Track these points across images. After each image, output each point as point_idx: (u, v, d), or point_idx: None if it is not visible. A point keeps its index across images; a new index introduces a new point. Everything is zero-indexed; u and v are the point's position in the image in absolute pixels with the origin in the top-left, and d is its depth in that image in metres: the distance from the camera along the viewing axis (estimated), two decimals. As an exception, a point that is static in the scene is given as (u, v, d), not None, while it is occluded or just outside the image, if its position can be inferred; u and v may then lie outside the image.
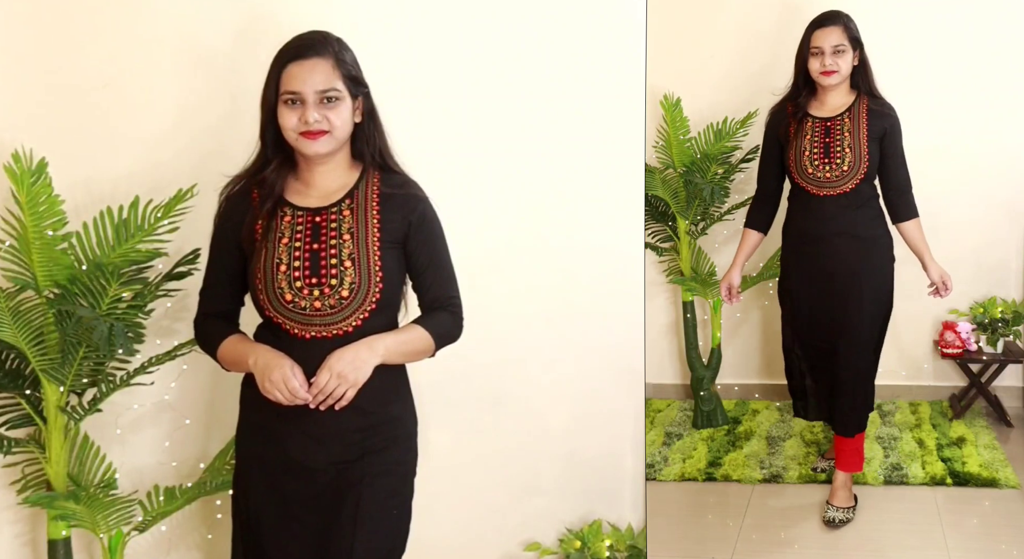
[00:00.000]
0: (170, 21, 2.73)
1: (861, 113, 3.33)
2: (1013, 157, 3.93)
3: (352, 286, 2.09)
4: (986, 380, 3.95)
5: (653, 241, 3.88)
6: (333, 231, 2.12)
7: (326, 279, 2.09)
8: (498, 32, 2.79)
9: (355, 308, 2.10)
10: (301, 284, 2.09)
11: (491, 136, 2.82)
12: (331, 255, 2.10)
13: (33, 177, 2.45)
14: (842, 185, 3.29)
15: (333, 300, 2.09)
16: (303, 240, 2.11)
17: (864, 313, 3.34)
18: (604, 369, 2.91)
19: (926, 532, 3.30)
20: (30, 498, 2.53)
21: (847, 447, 3.43)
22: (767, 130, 3.48)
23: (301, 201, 2.15)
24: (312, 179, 2.16)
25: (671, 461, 3.70)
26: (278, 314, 2.11)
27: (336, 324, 2.10)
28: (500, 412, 2.89)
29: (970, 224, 3.87)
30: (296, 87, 2.07)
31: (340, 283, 2.09)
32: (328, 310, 2.09)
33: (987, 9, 3.91)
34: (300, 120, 2.08)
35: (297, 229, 2.12)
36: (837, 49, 3.30)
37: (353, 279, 2.09)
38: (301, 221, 2.13)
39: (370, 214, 2.14)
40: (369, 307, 2.10)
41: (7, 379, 2.55)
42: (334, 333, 2.10)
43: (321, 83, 2.07)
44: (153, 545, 2.81)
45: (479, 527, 2.87)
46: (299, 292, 2.09)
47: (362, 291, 2.10)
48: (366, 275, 2.10)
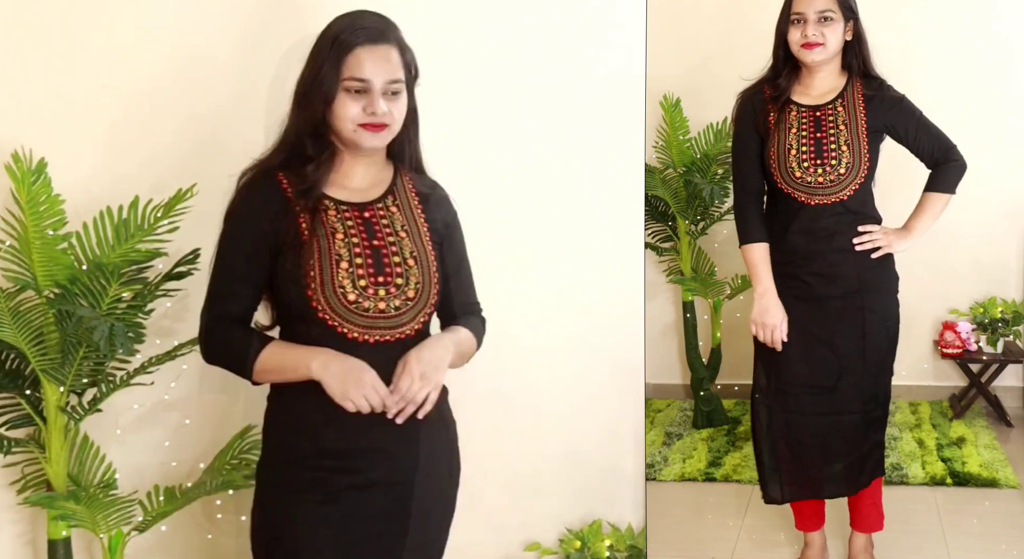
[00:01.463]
0: (170, 21, 2.72)
1: (856, 99, 2.76)
2: (1013, 157, 3.93)
3: (418, 286, 1.95)
4: (986, 380, 3.96)
5: (653, 241, 3.88)
6: (387, 228, 1.96)
7: (391, 278, 1.93)
8: (498, 32, 2.79)
9: (419, 310, 1.95)
10: (366, 283, 1.92)
11: (491, 136, 2.82)
12: (392, 252, 1.95)
13: (33, 177, 2.45)
14: (838, 191, 2.73)
15: (399, 301, 1.93)
16: (359, 236, 1.94)
17: (868, 345, 2.79)
18: (604, 369, 2.91)
19: (926, 532, 3.30)
20: (30, 498, 2.53)
21: (864, 501, 2.96)
22: (739, 122, 2.86)
23: (340, 195, 1.98)
24: (353, 173, 2.00)
25: (671, 461, 3.70)
26: (336, 316, 1.90)
27: (400, 327, 1.93)
28: (500, 412, 2.89)
29: (970, 224, 3.87)
30: (367, 75, 1.90)
31: (406, 283, 1.94)
32: (392, 312, 1.92)
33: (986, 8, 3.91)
34: (365, 111, 1.91)
35: (348, 225, 1.94)
36: (824, 15, 2.69)
37: (418, 278, 1.95)
38: (349, 216, 1.95)
39: (415, 212, 2.01)
40: (429, 309, 1.97)
41: (7, 379, 2.55)
42: (397, 337, 1.93)
43: (391, 72, 1.92)
44: (153, 545, 2.80)
45: (479, 527, 2.87)
46: (363, 292, 1.91)
47: (426, 291, 1.96)
48: (427, 274, 1.97)
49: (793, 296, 2.82)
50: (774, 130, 2.78)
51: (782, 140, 2.76)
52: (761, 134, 2.82)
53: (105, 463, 2.67)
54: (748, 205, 2.86)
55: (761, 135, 2.81)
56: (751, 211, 2.85)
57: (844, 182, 2.73)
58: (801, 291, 2.81)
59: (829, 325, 2.80)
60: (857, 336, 2.79)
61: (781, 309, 2.78)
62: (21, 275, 2.51)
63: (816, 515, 3.03)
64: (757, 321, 2.80)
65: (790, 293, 2.82)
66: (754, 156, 2.83)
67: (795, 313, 2.81)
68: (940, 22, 3.89)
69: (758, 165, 2.83)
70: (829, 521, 3.08)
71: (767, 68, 2.85)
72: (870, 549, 3.04)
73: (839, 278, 2.78)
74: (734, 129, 2.90)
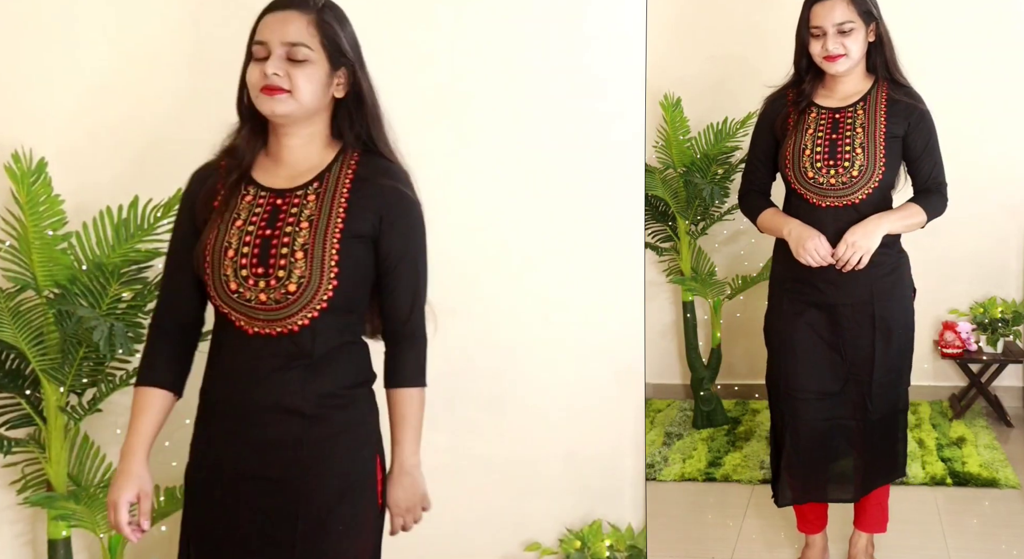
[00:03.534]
0: (170, 20, 2.72)
1: (879, 103, 2.73)
2: (1013, 157, 3.93)
3: (301, 280, 1.85)
4: (986, 380, 3.95)
5: (653, 241, 3.87)
6: (292, 217, 1.89)
7: (273, 270, 1.86)
8: (498, 32, 2.79)
9: (303, 305, 1.86)
10: (247, 273, 1.86)
11: (491, 136, 2.82)
12: (283, 243, 1.87)
13: (33, 177, 2.45)
14: (850, 194, 2.69)
15: (279, 294, 1.85)
16: (257, 224, 1.89)
17: (879, 352, 2.76)
18: (604, 369, 2.91)
19: (926, 532, 3.30)
20: (30, 498, 2.53)
21: (871, 500, 2.96)
22: (760, 122, 2.89)
23: (267, 180, 1.94)
24: (281, 155, 1.94)
25: (671, 461, 3.70)
26: (223, 303, 1.89)
27: (281, 321, 1.86)
28: (500, 412, 2.89)
29: (970, 224, 3.87)
30: (264, 36, 1.89)
31: (288, 276, 1.86)
32: (273, 304, 1.86)
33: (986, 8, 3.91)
34: (261, 74, 1.88)
35: (255, 211, 1.90)
36: (843, 28, 2.66)
37: (303, 272, 1.86)
38: (262, 202, 1.91)
39: (336, 201, 1.91)
40: (319, 306, 1.86)
41: (7, 379, 2.55)
42: (278, 331, 1.87)
43: (291, 35, 1.87)
44: (153, 545, 2.80)
45: (479, 527, 2.87)
46: (244, 282, 1.86)
47: (312, 287, 1.86)
48: (318, 270, 1.86)
49: (804, 301, 2.81)
50: (792, 131, 2.77)
51: (798, 140, 2.75)
52: (777, 136, 2.82)
53: (105, 463, 2.67)
54: (751, 193, 2.92)
55: (777, 137, 2.83)
56: (755, 195, 2.90)
57: (857, 185, 2.69)
58: (813, 297, 2.80)
59: (839, 332, 2.79)
60: (867, 345, 2.77)
61: (812, 229, 2.71)
62: (21, 275, 2.51)
63: (819, 518, 3.03)
64: (798, 248, 2.71)
65: (802, 298, 2.82)
66: (764, 157, 2.86)
67: (807, 318, 2.81)
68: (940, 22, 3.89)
69: (768, 165, 2.86)
70: (830, 522, 3.07)
71: (790, 74, 2.84)
72: (871, 550, 3.04)
73: (850, 285, 2.75)
74: (754, 129, 2.93)
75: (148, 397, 1.99)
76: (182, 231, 1.98)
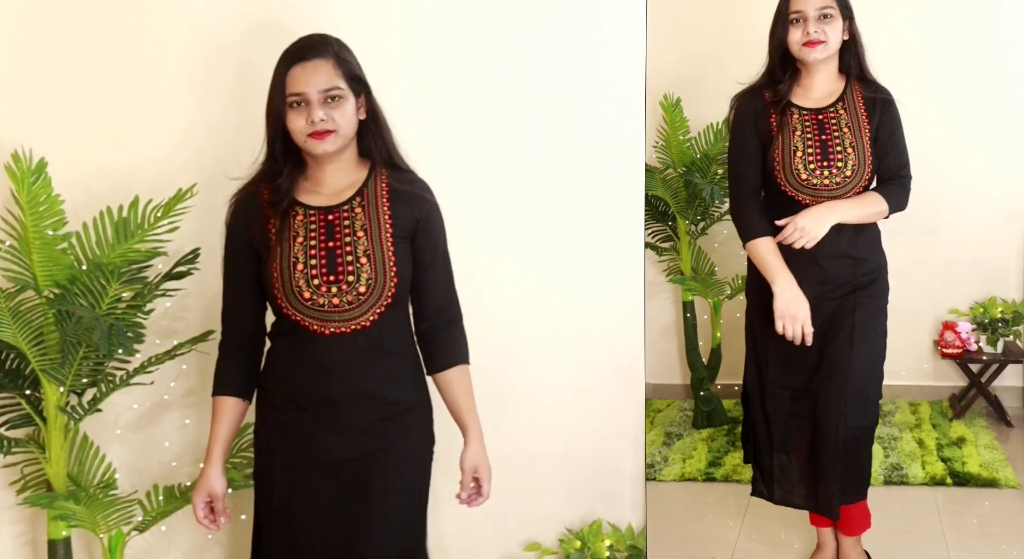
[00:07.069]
0: (170, 20, 2.73)
1: (857, 103, 2.76)
2: (1013, 157, 3.93)
3: (369, 282, 2.15)
4: (986, 380, 3.95)
5: (653, 241, 3.87)
6: (347, 229, 2.17)
7: (343, 276, 2.14)
8: (498, 32, 2.79)
9: (372, 303, 2.15)
10: (319, 282, 2.14)
11: (491, 136, 2.82)
12: (347, 252, 2.15)
13: (33, 177, 2.45)
14: (842, 194, 2.72)
15: (351, 296, 2.14)
16: (318, 238, 2.16)
17: (857, 352, 2.75)
18: (604, 369, 2.91)
19: (926, 532, 3.30)
20: (30, 498, 2.53)
21: (853, 511, 2.91)
22: (736, 125, 2.84)
23: (312, 200, 2.19)
24: (322, 178, 2.20)
25: (671, 461, 3.70)
26: (296, 312, 2.15)
27: (354, 319, 2.15)
28: (500, 412, 2.89)
29: (970, 224, 3.87)
30: (300, 88, 2.11)
31: (357, 279, 2.14)
32: (346, 306, 2.14)
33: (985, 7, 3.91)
34: (307, 121, 2.11)
35: (311, 228, 2.16)
36: (823, 12, 2.68)
37: (370, 275, 2.15)
38: (314, 220, 2.17)
39: (381, 210, 2.19)
40: (385, 302, 2.16)
41: (7, 379, 2.55)
42: (352, 328, 2.15)
43: (324, 82, 2.12)
44: (153, 545, 2.81)
45: (479, 527, 2.87)
46: (317, 290, 2.14)
47: (378, 286, 2.15)
48: (381, 270, 2.16)
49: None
50: (777, 133, 2.76)
51: (786, 142, 2.74)
52: (762, 137, 2.79)
53: (105, 463, 2.67)
54: (746, 204, 2.83)
55: (762, 139, 2.79)
56: (750, 208, 2.82)
57: (849, 184, 2.72)
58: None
59: (820, 330, 2.77)
60: (845, 344, 2.76)
61: (805, 300, 2.72)
62: (21, 275, 2.51)
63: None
64: (784, 314, 2.72)
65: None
66: (752, 159, 2.81)
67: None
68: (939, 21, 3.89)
69: (756, 167, 2.81)
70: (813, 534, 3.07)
71: (762, 73, 2.83)
72: (859, 546, 2.99)
73: (834, 282, 2.76)
74: (731, 132, 2.87)
75: (222, 405, 2.25)
76: (237, 253, 2.23)
